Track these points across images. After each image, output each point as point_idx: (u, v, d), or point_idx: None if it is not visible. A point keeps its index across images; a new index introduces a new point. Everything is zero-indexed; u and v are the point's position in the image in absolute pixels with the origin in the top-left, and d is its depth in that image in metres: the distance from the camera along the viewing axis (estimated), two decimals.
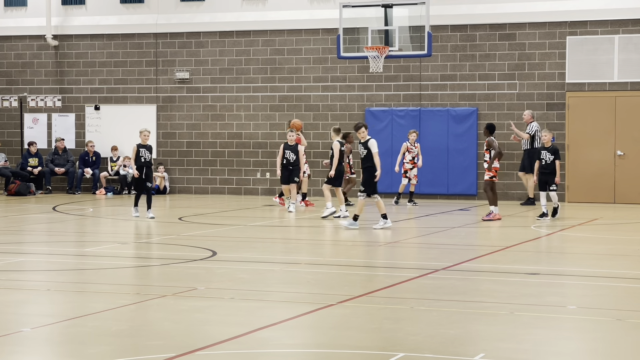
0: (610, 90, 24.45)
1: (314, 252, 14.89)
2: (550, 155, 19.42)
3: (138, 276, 12.53)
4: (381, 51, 21.96)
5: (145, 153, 19.40)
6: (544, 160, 19.47)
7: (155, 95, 27.67)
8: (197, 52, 27.30)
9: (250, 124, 26.92)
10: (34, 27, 28.50)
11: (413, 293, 10.98)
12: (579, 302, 10.43)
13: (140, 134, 19.48)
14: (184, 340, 8.31)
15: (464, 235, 17.36)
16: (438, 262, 13.43)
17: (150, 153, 19.62)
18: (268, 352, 8.04)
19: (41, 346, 8.39)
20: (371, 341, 8.46)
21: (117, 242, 15.86)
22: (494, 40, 25.17)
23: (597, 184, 24.51)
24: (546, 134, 19.54)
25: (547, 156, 19.43)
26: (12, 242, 16.03)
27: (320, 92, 26.36)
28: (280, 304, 10.19)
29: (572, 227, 18.62)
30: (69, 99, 28.37)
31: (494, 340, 8.45)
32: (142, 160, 19.38)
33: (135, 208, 19.68)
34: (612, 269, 12.85)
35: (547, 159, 19.44)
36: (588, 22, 24.57)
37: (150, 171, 19.70)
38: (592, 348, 8.31)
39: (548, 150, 19.45)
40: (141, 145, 19.40)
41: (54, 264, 13.30)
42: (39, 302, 10.47)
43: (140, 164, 19.38)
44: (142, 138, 19.42)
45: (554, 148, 19.50)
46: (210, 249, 14.48)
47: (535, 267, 13.19)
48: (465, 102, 25.36)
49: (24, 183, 26.93)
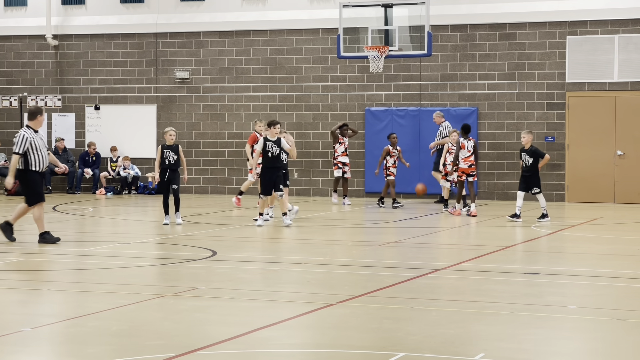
0: (610, 90, 24.45)
1: (314, 252, 14.89)
2: (529, 157, 19.01)
3: (138, 276, 12.52)
4: (381, 51, 21.96)
5: (170, 155, 18.26)
6: (523, 162, 19.16)
7: (155, 95, 27.67)
8: (197, 52, 27.30)
9: (250, 124, 26.90)
10: (34, 27, 28.51)
11: (413, 293, 10.97)
12: (579, 302, 10.43)
13: (165, 134, 18.49)
14: (184, 340, 8.31)
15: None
16: (438, 262, 13.42)
17: (177, 154, 18.35)
18: (268, 352, 8.04)
19: (41, 346, 8.38)
20: (371, 341, 8.45)
21: (117, 242, 15.86)
22: (494, 40, 25.17)
23: (597, 184, 24.51)
24: (525, 135, 19.18)
25: (526, 158, 19.08)
26: (12, 242, 16.02)
27: (320, 92, 26.36)
28: (280, 304, 10.19)
29: (572, 227, 18.61)
30: (69, 99, 28.37)
31: (494, 340, 8.45)
32: (167, 162, 18.22)
33: (166, 216, 18.28)
34: (612, 269, 12.85)
35: (527, 161, 19.04)
36: (588, 22, 24.57)
37: (177, 174, 18.37)
38: (592, 348, 8.31)
39: (527, 153, 19.09)
40: (166, 146, 18.32)
41: (54, 264, 13.29)
42: (39, 302, 10.47)
43: (165, 166, 18.26)
44: (168, 138, 18.38)
45: (533, 149, 19.14)
46: (210, 249, 14.48)
47: (535, 267, 13.18)
48: (465, 102, 25.36)
49: None
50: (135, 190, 27.39)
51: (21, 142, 15.21)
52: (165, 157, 18.26)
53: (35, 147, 15.24)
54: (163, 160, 18.27)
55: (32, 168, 15.34)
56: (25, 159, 15.30)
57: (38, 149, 15.28)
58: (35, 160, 15.30)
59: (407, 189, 24.60)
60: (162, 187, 18.51)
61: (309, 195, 26.19)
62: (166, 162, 18.26)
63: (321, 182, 26.19)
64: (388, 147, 22.53)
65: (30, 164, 15.31)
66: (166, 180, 18.26)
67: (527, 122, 24.89)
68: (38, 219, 15.51)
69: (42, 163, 15.38)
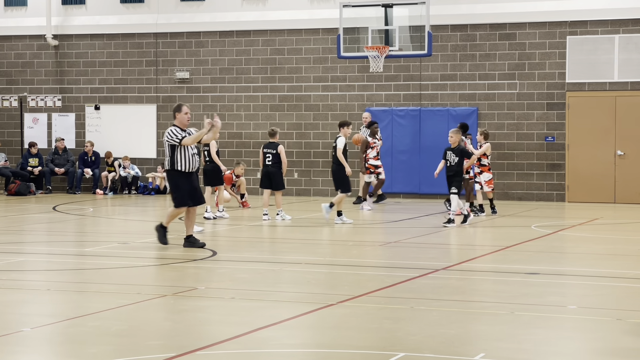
0: (611, 90, 24.45)
1: (314, 252, 14.89)
2: (455, 156, 18.28)
3: (138, 276, 12.52)
4: (381, 51, 21.96)
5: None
6: (448, 161, 18.43)
7: (156, 95, 27.67)
8: (197, 52, 27.30)
9: (250, 124, 26.92)
10: (34, 27, 28.51)
11: (413, 293, 10.97)
12: (579, 302, 10.43)
13: None
14: (184, 340, 8.31)
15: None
16: (438, 262, 13.43)
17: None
18: (268, 352, 8.04)
19: (41, 346, 8.38)
20: (371, 341, 8.45)
21: (117, 242, 15.86)
22: (494, 40, 25.17)
23: (597, 184, 24.51)
24: (452, 135, 18.50)
25: (451, 157, 18.34)
26: (12, 242, 16.03)
27: (320, 92, 26.36)
28: (281, 304, 10.19)
29: (572, 227, 18.62)
30: (69, 99, 28.37)
31: (494, 340, 8.45)
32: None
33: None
34: (612, 269, 12.85)
35: (452, 160, 18.33)
36: (588, 22, 24.57)
37: None
38: (592, 348, 8.31)
39: (453, 152, 18.34)
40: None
41: (54, 264, 13.29)
42: (39, 302, 10.46)
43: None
44: None
45: (460, 148, 18.37)
46: (211, 249, 14.48)
47: (535, 267, 13.18)
48: (465, 102, 25.36)
49: (24, 183, 26.93)
50: (136, 190, 27.39)
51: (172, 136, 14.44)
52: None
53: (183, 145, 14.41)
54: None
55: (178, 168, 14.43)
56: (172, 158, 14.41)
57: (185, 148, 14.44)
58: (182, 159, 14.41)
59: (408, 188, 24.60)
60: None
61: (309, 195, 26.20)
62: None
63: (321, 182, 26.18)
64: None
65: (176, 164, 14.41)
66: None
67: (527, 122, 24.90)
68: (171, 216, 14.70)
69: (190, 163, 14.45)
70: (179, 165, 14.46)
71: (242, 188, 23.02)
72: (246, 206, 22.66)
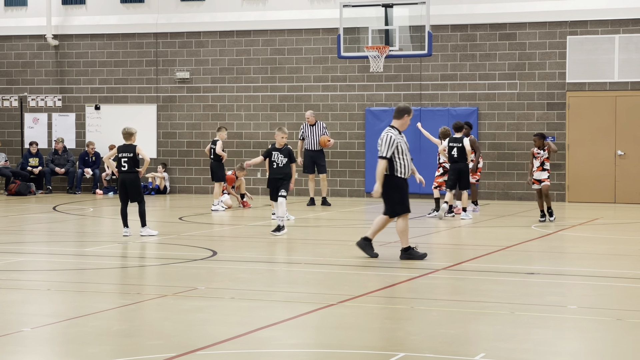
0: (611, 90, 24.45)
1: (314, 252, 14.89)
2: (283, 157, 16.94)
3: (138, 276, 12.53)
4: (381, 51, 21.95)
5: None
6: (275, 163, 16.94)
7: (156, 95, 27.67)
8: (197, 52, 27.30)
9: (250, 124, 26.92)
10: (34, 27, 28.51)
11: (413, 293, 10.97)
12: (579, 302, 10.43)
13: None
14: (184, 340, 8.31)
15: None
16: (438, 262, 13.42)
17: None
18: (268, 352, 8.04)
19: (41, 346, 8.38)
20: (371, 341, 8.45)
21: (117, 242, 15.86)
22: (494, 40, 25.17)
23: (597, 183, 24.51)
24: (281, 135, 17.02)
25: (279, 158, 16.90)
26: (12, 242, 16.03)
27: (320, 92, 26.36)
28: (281, 304, 10.19)
29: (572, 227, 18.61)
30: (69, 99, 28.37)
31: (494, 340, 8.45)
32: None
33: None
34: (612, 269, 12.84)
35: (280, 161, 16.91)
36: (588, 22, 24.57)
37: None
38: (592, 348, 8.31)
39: (280, 152, 16.93)
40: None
41: (54, 264, 13.29)
42: (39, 302, 10.47)
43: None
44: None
45: (287, 149, 17.00)
46: (211, 249, 14.48)
47: (535, 267, 13.18)
48: (465, 102, 25.36)
49: (24, 183, 26.94)
50: None
51: (388, 144, 13.54)
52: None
53: (401, 150, 13.65)
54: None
55: (397, 174, 13.63)
56: (390, 163, 13.57)
57: (404, 153, 13.69)
58: (401, 165, 13.66)
59: None
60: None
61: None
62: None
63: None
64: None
65: (396, 170, 13.62)
66: None
67: (527, 122, 24.90)
68: (402, 232, 13.80)
69: (408, 169, 13.77)
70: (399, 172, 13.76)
71: (242, 188, 23.06)
72: (247, 206, 22.67)
